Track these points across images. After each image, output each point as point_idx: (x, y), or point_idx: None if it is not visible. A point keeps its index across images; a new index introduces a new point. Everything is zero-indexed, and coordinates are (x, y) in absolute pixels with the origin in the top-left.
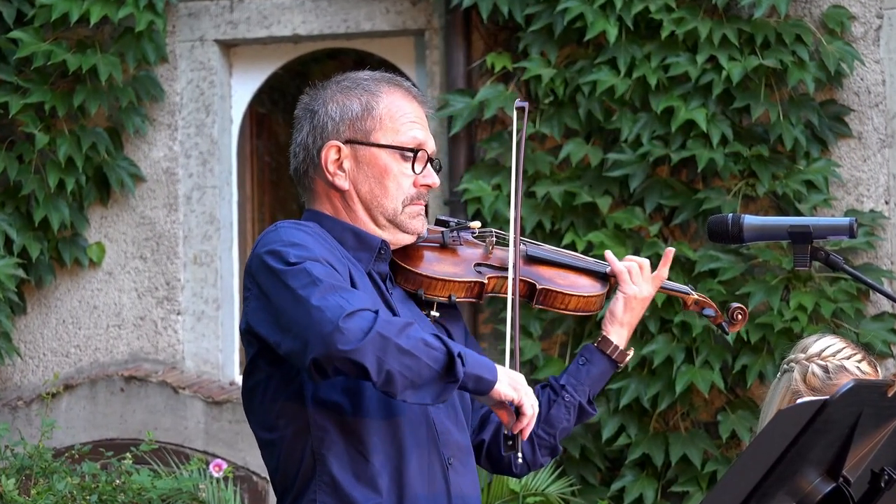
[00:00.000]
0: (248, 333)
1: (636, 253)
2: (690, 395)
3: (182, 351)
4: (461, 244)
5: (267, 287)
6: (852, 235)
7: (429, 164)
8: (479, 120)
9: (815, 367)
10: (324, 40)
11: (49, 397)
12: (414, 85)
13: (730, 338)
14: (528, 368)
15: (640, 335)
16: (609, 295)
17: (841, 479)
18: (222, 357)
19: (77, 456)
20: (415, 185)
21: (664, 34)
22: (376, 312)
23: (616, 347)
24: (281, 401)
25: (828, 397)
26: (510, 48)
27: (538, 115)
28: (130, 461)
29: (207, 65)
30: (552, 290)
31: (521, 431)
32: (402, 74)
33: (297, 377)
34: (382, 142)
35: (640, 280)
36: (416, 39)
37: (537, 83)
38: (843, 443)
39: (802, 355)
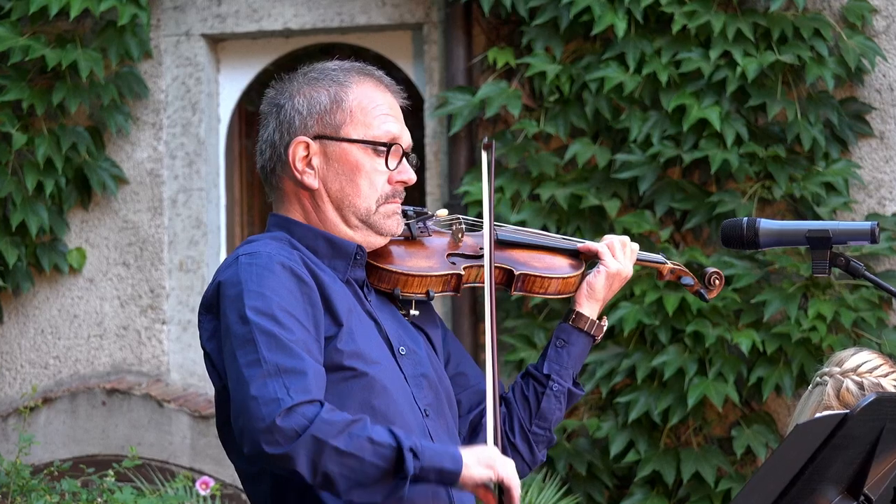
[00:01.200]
0: (212, 362)
1: None
2: (703, 408)
3: (167, 362)
4: (428, 234)
5: (224, 335)
6: (874, 241)
7: (405, 159)
8: (481, 119)
9: (849, 383)
10: (316, 35)
11: (27, 411)
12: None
13: (710, 303)
14: None
15: (651, 345)
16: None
17: (862, 498)
18: None
19: (56, 473)
20: (389, 181)
21: (675, 28)
22: (321, 405)
23: (592, 322)
24: None
25: (848, 411)
26: (513, 43)
27: (542, 113)
28: (113, 478)
29: (194, 60)
30: (530, 275)
31: None
32: (398, 71)
33: None
34: (353, 136)
35: (623, 256)
36: (413, 34)
37: (542, 80)
38: (864, 459)
39: (837, 369)
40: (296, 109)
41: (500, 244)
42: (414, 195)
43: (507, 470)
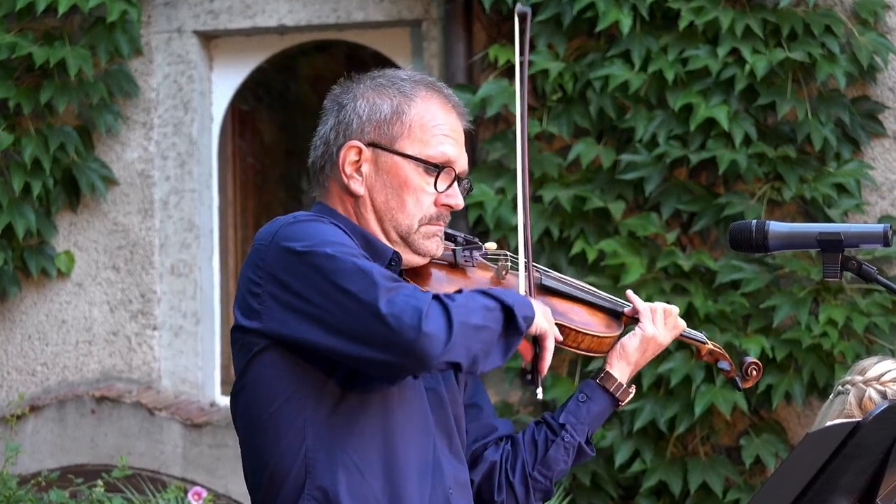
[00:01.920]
0: (261, 338)
1: (651, 263)
2: (711, 417)
3: (158, 369)
4: (472, 265)
5: (306, 286)
6: (887, 244)
7: (455, 184)
8: (481, 118)
9: (872, 392)
10: (312, 31)
11: (13, 419)
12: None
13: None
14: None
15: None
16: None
17: None
18: (202, 376)
19: (44, 483)
20: (436, 203)
21: (682, 25)
22: (437, 298)
23: (620, 385)
24: (278, 403)
25: (860, 419)
26: (514, 39)
27: (545, 112)
28: (102, 489)
29: (186, 58)
30: (565, 326)
31: (540, 366)
32: (395, 68)
33: (302, 384)
34: (408, 151)
35: (662, 324)
36: (412, 30)
37: (544, 78)
38: (877, 469)
39: (860, 378)
40: (356, 112)
41: (543, 290)
42: None
43: (554, 328)
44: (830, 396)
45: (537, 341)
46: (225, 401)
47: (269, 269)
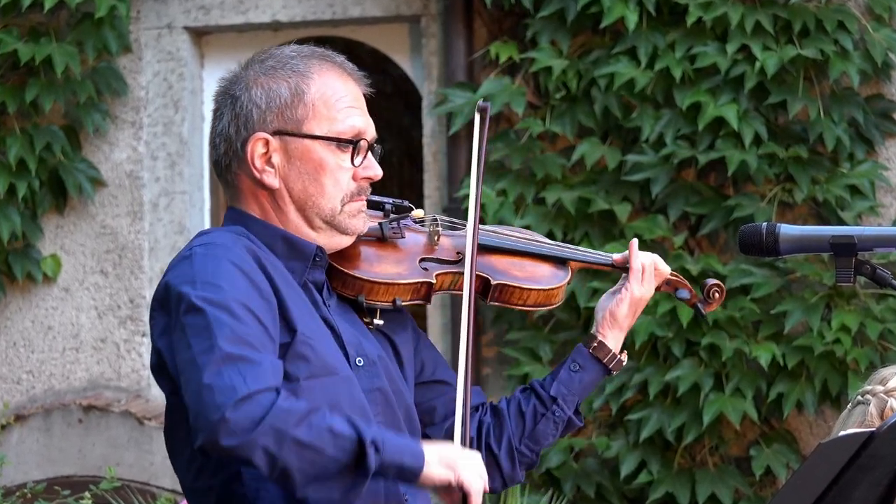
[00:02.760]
0: (163, 361)
1: None
2: (720, 426)
3: (147, 377)
4: (402, 237)
5: (175, 327)
6: None
7: (369, 154)
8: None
9: (894, 402)
10: (307, 27)
11: None
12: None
13: (708, 317)
14: None
15: (664, 359)
16: (570, 282)
17: None
18: None
19: (30, 495)
20: (354, 178)
21: (690, 20)
22: (277, 392)
23: (613, 354)
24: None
25: (874, 429)
26: (517, 36)
27: (548, 111)
28: (89, 501)
29: (176, 55)
30: (508, 286)
31: None
32: (394, 66)
33: None
34: (316, 132)
35: (650, 280)
36: (410, 27)
37: (547, 76)
38: (892, 481)
39: (881, 388)
40: (253, 102)
41: (481, 249)
42: (411, 198)
43: (468, 473)
44: (848, 407)
45: (464, 494)
46: None
47: (161, 303)
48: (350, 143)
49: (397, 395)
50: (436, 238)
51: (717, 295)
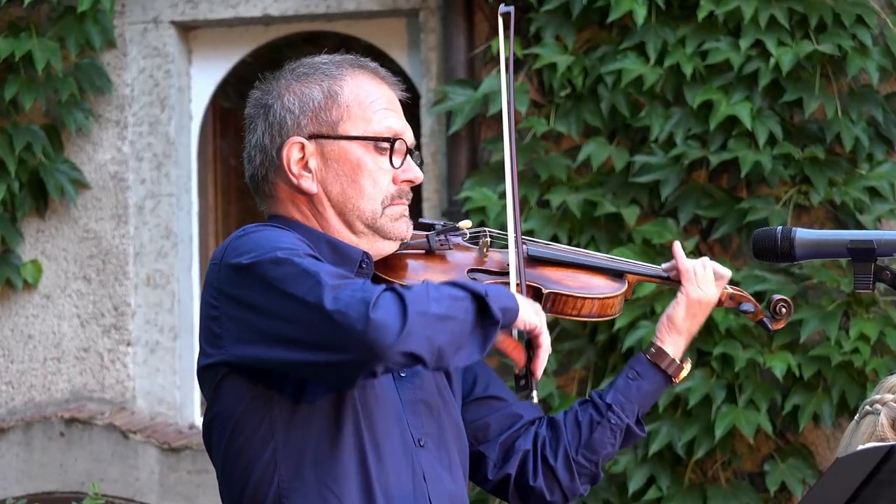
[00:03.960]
0: (223, 365)
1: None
2: (732, 440)
3: (133, 388)
4: (450, 248)
5: (255, 299)
6: None
7: (409, 157)
8: (483, 116)
9: None
10: (300, 22)
11: None
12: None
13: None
14: (543, 408)
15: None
16: (627, 295)
17: None
18: (180, 396)
19: None
20: (394, 181)
21: (701, 15)
22: (392, 290)
23: (673, 361)
24: (246, 434)
25: (894, 443)
26: (519, 31)
27: (553, 110)
28: None
29: (163, 51)
30: (562, 294)
31: (534, 368)
32: (392, 62)
33: (268, 409)
34: (352, 133)
35: (706, 282)
36: (408, 21)
37: (552, 73)
38: None
39: (890, 396)
40: (286, 108)
41: (532, 261)
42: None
43: (546, 326)
44: (856, 418)
45: (529, 342)
46: None
47: (222, 289)
48: (388, 143)
49: (445, 408)
50: (485, 250)
51: (783, 310)
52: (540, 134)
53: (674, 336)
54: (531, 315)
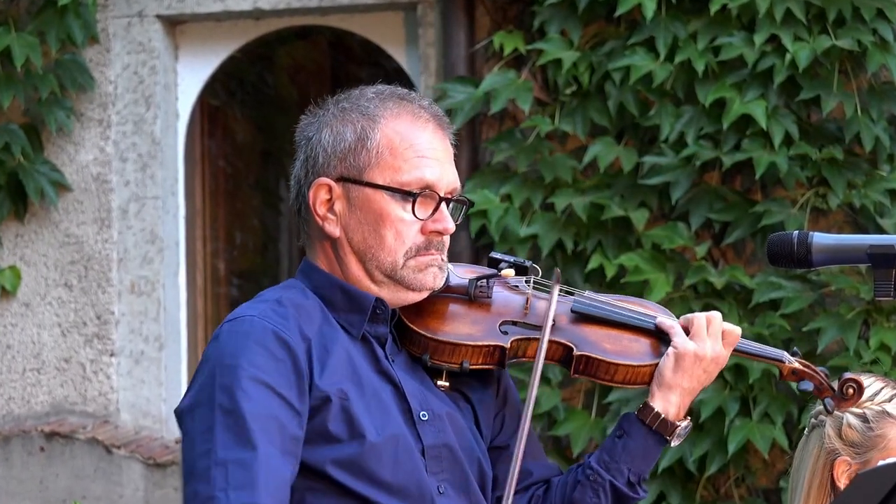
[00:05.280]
0: None
1: (679, 279)
2: (746, 455)
3: (116, 401)
4: (488, 296)
5: (193, 410)
6: None
7: (442, 206)
8: (485, 115)
9: (850, 418)
10: (292, 16)
11: None
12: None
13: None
14: (547, 422)
15: None
16: None
17: None
18: (166, 409)
19: None
20: (423, 231)
21: (714, 8)
22: None
23: (657, 416)
24: None
25: None
26: (523, 26)
27: (558, 108)
28: None
29: (148, 46)
30: (594, 358)
31: None
32: (388, 59)
33: None
34: (378, 181)
35: (704, 335)
36: (406, 15)
37: (556, 69)
38: None
39: None
40: (321, 145)
41: (576, 318)
42: None
43: None
44: (805, 433)
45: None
46: None
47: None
48: (413, 196)
49: (467, 452)
50: (527, 301)
51: (851, 391)
52: (544, 133)
53: (664, 391)
54: None
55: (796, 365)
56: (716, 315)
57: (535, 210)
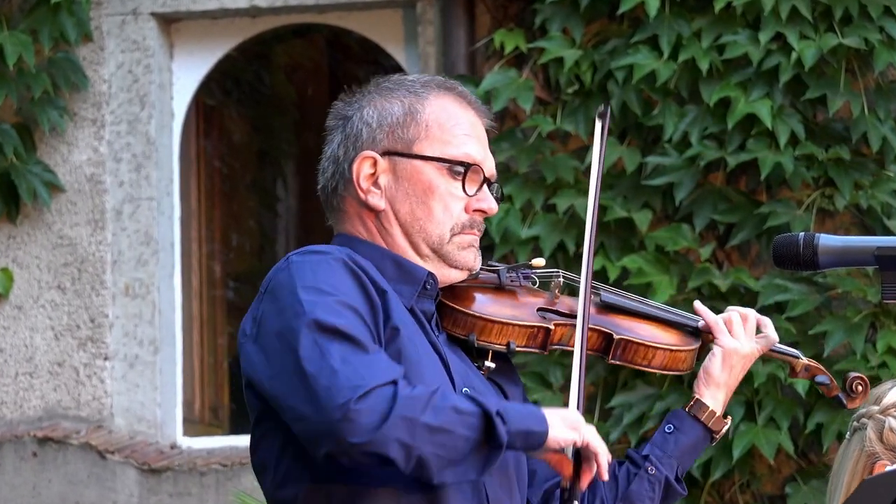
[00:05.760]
0: (249, 387)
1: (682, 282)
2: (751, 460)
3: (110, 405)
4: (520, 287)
5: (272, 338)
6: None
7: (485, 186)
8: None
9: (892, 422)
10: (289, 13)
11: None
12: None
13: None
14: None
15: (689, 385)
16: (701, 354)
17: None
18: (161, 413)
19: None
20: (467, 209)
21: (718, 6)
22: (395, 384)
23: (712, 413)
24: (289, 460)
25: None
26: (524, 23)
27: (559, 108)
28: None
29: (142, 44)
30: (633, 342)
31: (580, 483)
32: (387, 57)
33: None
34: (428, 153)
35: (742, 333)
36: (405, 13)
37: (558, 68)
38: None
39: (876, 408)
40: (364, 121)
41: (605, 308)
42: None
43: (592, 434)
44: (847, 436)
45: (578, 453)
46: (187, 442)
47: (256, 318)
48: (463, 169)
49: (515, 457)
50: (556, 292)
51: (859, 388)
52: (545, 133)
53: (711, 388)
54: (565, 433)
55: (807, 362)
56: (751, 313)
57: (536, 211)
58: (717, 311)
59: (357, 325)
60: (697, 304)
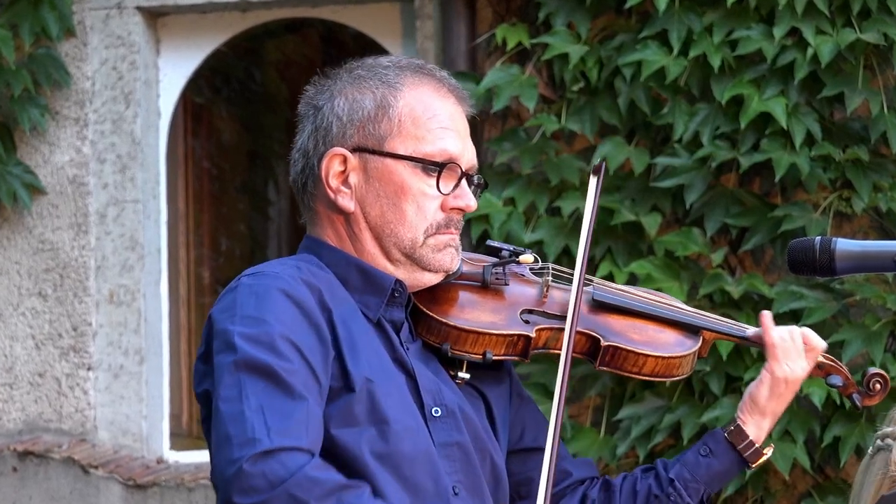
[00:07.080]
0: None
1: (693, 288)
2: (765, 475)
3: (93, 418)
4: (505, 283)
5: (204, 366)
6: None
7: (463, 182)
8: (487, 113)
9: None
10: (281, 7)
11: None
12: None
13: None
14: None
15: (700, 397)
16: (701, 353)
17: None
18: (147, 426)
19: None
20: (443, 208)
21: (730, 0)
22: (311, 456)
23: (751, 443)
24: None
25: None
26: (527, 18)
27: (564, 106)
28: None
29: (127, 40)
30: (621, 349)
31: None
32: (384, 53)
33: None
34: (400, 151)
35: (796, 356)
36: (402, 7)
37: (563, 65)
38: None
39: None
40: (335, 113)
41: (596, 306)
42: None
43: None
44: (869, 453)
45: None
46: (175, 456)
47: (206, 337)
48: (437, 167)
49: (481, 452)
50: (545, 289)
51: (878, 386)
52: (550, 133)
53: (756, 417)
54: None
55: (822, 359)
56: (805, 331)
57: (540, 214)
58: (729, 319)
59: (292, 363)
60: (767, 317)
